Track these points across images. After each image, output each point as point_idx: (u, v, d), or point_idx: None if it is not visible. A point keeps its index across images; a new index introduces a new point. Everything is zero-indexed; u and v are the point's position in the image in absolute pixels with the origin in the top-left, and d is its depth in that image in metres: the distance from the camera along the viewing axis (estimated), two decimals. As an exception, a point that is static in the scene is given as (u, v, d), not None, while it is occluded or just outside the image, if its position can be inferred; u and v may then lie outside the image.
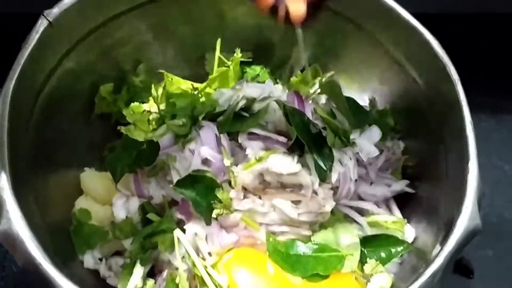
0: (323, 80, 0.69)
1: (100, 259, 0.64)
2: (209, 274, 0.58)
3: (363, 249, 0.61)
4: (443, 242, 0.48)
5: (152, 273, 0.62)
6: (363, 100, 0.73)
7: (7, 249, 0.45)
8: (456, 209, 0.50)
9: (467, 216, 0.48)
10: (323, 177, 0.58)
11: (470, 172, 0.51)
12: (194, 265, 0.58)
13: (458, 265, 0.75)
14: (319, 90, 0.68)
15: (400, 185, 0.66)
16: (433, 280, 0.45)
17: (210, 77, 0.72)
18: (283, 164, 0.57)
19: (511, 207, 0.81)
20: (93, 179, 0.67)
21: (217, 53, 0.72)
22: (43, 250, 0.44)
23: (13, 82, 0.54)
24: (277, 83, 0.73)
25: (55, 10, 0.58)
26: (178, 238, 0.59)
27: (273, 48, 0.77)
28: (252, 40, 0.75)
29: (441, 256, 0.46)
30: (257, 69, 0.75)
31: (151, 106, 0.69)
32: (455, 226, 0.48)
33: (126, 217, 0.63)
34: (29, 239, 0.44)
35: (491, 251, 0.77)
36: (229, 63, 0.71)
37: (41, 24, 0.56)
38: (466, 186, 0.50)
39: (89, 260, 0.63)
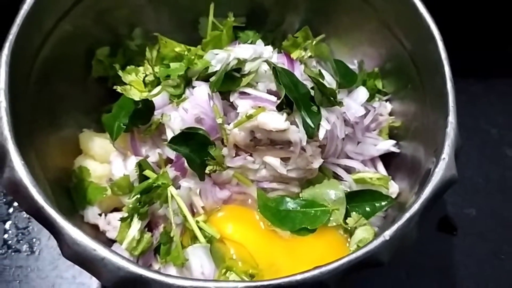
0: (313, 43, 0.70)
1: (100, 215, 0.67)
2: (200, 228, 0.61)
3: (348, 206, 0.63)
4: (420, 190, 0.50)
5: (149, 228, 0.65)
6: (353, 63, 0.75)
7: (11, 196, 0.48)
8: (434, 161, 0.52)
9: (443, 166, 0.51)
10: (311, 134, 0.60)
11: (449, 125, 0.53)
12: (186, 219, 0.61)
13: (442, 222, 0.79)
14: (309, 54, 0.70)
15: (386, 145, 0.69)
16: (409, 224, 0.48)
17: (203, 40, 0.73)
18: (273, 121, 0.59)
19: (496, 168, 0.84)
20: (91, 139, 0.69)
21: (211, 17, 0.74)
22: (44, 195, 0.47)
23: (12, 42, 0.56)
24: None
25: (51, -28, 0.60)
26: (171, 194, 0.62)
27: (266, 14, 0.78)
28: (245, 5, 0.77)
29: (417, 202, 0.49)
30: (250, 33, 0.77)
31: (146, 69, 0.71)
32: (432, 175, 0.50)
33: (124, 174, 0.65)
34: (31, 185, 0.47)
35: (475, 210, 0.80)
36: (222, 27, 0.73)
37: (38, -14, 0.58)
38: (444, 139, 0.52)
39: (88, 214, 0.66)
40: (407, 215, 0.48)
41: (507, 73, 0.91)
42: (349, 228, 0.62)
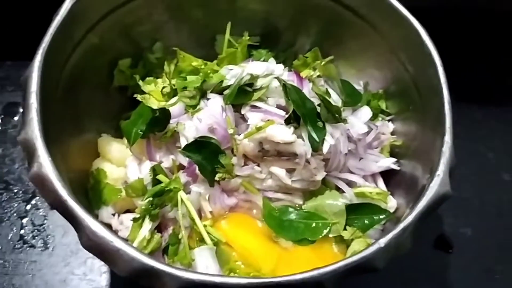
0: (322, 63, 0.75)
1: (113, 215, 0.71)
2: (207, 231, 0.64)
3: (347, 218, 0.66)
4: (415, 203, 0.54)
5: (159, 230, 0.69)
6: (359, 84, 0.79)
7: (37, 189, 0.53)
8: (430, 177, 0.56)
9: (438, 182, 0.55)
10: (315, 147, 0.64)
11: (445, 144, 0.57)
12: (194, 222, 0.65)
13: (439, 240, 0.82)
14: (318, 73, 0.74)
15: (387, 162, 0.73)
16: (404, 233, 0.52)
17: (219, 56, 0.78)
18: (280, 133, 0.63)
19: (492, 191, 0.87)
20: (109, 144, 0.74)
21: (227, 35, 0.78)
22: (68, 189, 0.51)
23: (44, 50, 0.61)
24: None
25: (84, -12, 0.65)
26: (181, 198, 0.65)
27: (280, 35, 0.83)
28: (261, 25, 0.82)
29: (412, 214, 0.52)
30: (263, 52, 0.81)
31: (164, 81, 0.76)
32: (427, 190, 0.54)
33: (138, 178, 0.69)
34: (56, 180, 0.52)
35: (470, 230, 0.83)
36: (237, 45, 0.78)
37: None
38: (440, 157, 0.56)
39: (103, 214, 0.70)
40: (401, 225, 0.52)
41: (507, 101, 0.95)
42: (346, 240, 0.65)
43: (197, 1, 0.79)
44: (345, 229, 0.66)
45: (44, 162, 0.52)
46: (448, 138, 0.57)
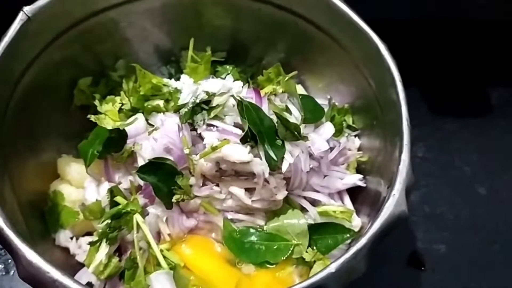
0: (285, 79, 0.73)
1: (71, 238, 0.69)
2: (163, 255, 0.62)
3: (311, 238, 0.65)
4: (370, 224, 0.52)
5: (120, 253, 0.67)
6: (326, 99, 0.77)
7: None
8: (386, 196, 0.54)
9: (393, 202, 0.52)
10: (273, 166, 0.62)
11: (402, 163, 0.55)
12: (150, 246, 0.63)
13: (412, 257, 0.80)
14: (280, 89, 0.73)
15: (353, 179, 0.71)
16: (356, 257, 0.49)
17: (183, 73, 0.76)
18: (236, 153, 0.61)
19: (467, 206, 0.85)
20: (68, 164, 0.72)
21: (190, 51, 0.77)
22: (5, 218, 0.49)
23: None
24: (247, 81, 0.78)
25: (34, 6, 0.63)
26: (137, 221, 0.63)
27: (247, 50, 0.81)
28: (227, 41, 0.80)
29: (365, 237, 0.50)
30: (228, 68, 0.80)
31: (122, 99, 0.74)
32: (381, 211, 0.52)
33: (96, 200, 0.67)
34: (-9, 209, 0.50)
35: (444, 246, 0.81)
36: (200, 60, 0.76)
37: (20, 19, 0.62)
38: (396, 176, 0.54)
39: (60, 238, 0.68)
40: (353, 249, 0.50)
41: (482, 112, 0.93)
42: (308, 262, 0.63)
43: (162, 18, 0.77)
44: (312, 247, 0.64)
45: (-18, 190, 0.51)
46: (405, 156, 0.55)
